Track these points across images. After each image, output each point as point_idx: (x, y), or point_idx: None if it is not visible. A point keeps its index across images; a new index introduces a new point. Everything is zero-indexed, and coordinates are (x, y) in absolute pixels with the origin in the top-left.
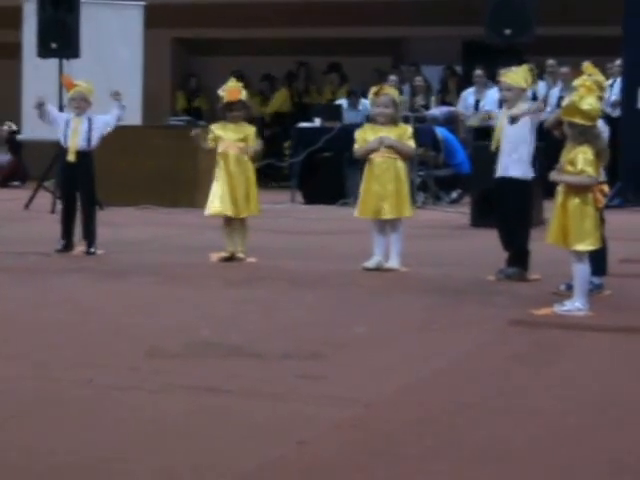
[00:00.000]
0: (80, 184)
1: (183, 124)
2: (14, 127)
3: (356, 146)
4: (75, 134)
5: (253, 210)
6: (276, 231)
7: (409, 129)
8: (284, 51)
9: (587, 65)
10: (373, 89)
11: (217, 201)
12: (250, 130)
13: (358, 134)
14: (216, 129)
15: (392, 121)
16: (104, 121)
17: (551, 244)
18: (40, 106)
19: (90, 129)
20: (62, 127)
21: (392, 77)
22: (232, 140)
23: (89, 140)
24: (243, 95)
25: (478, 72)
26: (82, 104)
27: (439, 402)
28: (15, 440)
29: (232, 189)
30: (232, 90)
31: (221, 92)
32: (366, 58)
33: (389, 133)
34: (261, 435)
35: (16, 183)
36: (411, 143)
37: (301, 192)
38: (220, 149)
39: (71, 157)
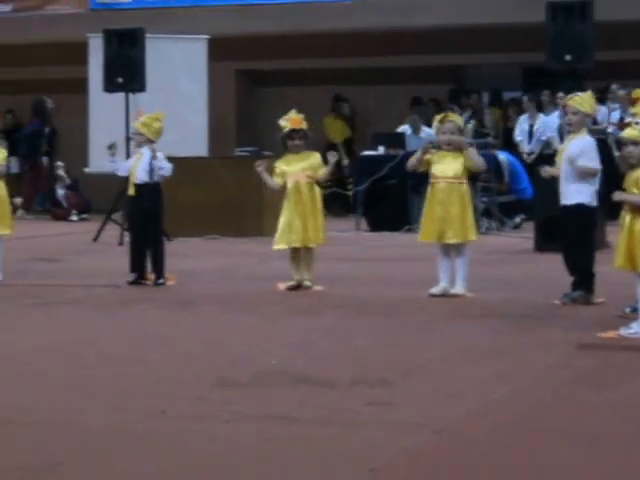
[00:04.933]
0: (147, 215)
1: (249, 155)
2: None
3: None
4: (134, 168)
5: (320, 239)
6: (342, 259)
7: (472, 151)
8: (344, 81)
9: (638, 91)
10: (438, 117)
11: (283, 236)
12: (315, 158)
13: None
14: (281, 164)
15: (457, 148)
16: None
17: (618, 268)
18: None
19: (149, 162)
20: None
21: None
22: (299, 170)
23: (148, 173)
24: (304, 125)
25: (525, 99)
26: (137, 137)
27: (508, 426)
28: (90, 473)
29: (303, 219)
30: (294, 118)
31: (282, 122)
32: (426, 86)
33: (455, 159)
34: (332, 463)
35: (74, 218)
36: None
37: (366, 220)
38: (289, 183)
39: (131, 191)
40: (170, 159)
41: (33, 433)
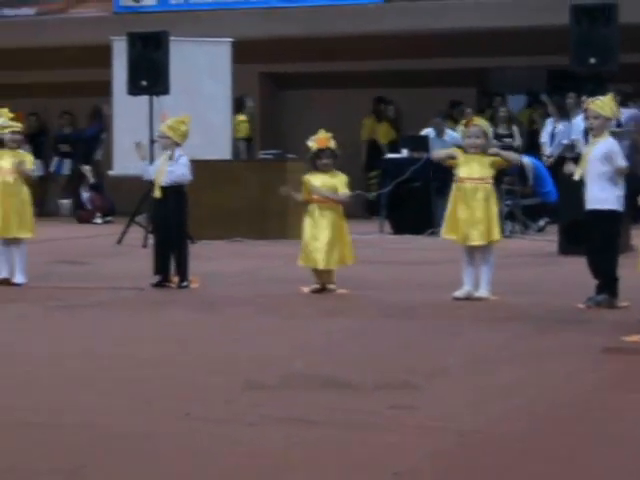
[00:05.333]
0: (171, 218)
1: (272, 157)
2: None
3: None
4: (160, 170)
5: (347, 260)
6: (366, 261)
7: (495, 157)
8: (368, 84)
9: None
10: (463, 120)
11: (305, 255)
12: (341, 178)
13: (453, 149)
14: (309, 178)
15: (483, 151)
16: (184, 165)
17: None
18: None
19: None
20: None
21: (468, 110)
22: (323, 189)
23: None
24: (332, 144)
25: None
26: (163, 141)
27: (532, 430)
28: (113, 476)
29: (322, 241)
30: (321, 138)
31: (310, 142)
32: (450, 89)
33: (480, 162)
34: (357, 467)
35: (98, 221)
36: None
37: (389, 222)
38: (312, 203)
39: (157, 193)
40: (194, 162)
41: (58, 436)
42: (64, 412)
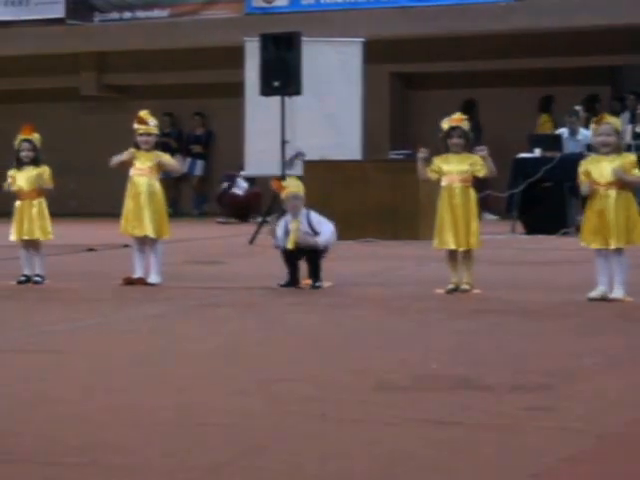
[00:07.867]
0: None
1: (403, 158)
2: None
3: (582, 180)
4: (294, 235)
5: (473, 243)
6: (497, 262)
7: (632, 157)
8: (497, 83)
9: None
10: (595, 118)
11: (437, 236)
12: (475, 158)
13: (581, 167)
14: (439, 162)
15: (615, 149)
16: (327, 230)
17: None
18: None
19: (311, 227)
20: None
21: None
22: (456, 172)
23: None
24: (465, 124)
25: None
26: (297, 203)
27: None
28: (251, 474)
29: (454, 222)
30: (455, 117)
31: (443, 123)
32: (584, 87)
33: (612, 162)
34: (492, 468)
35: (259, 219)
36: (635, 172)
37: (521, 222)
38: (444, 182)
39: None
40: (324, 162)
41: (198, 435)
42: (200, 412)
